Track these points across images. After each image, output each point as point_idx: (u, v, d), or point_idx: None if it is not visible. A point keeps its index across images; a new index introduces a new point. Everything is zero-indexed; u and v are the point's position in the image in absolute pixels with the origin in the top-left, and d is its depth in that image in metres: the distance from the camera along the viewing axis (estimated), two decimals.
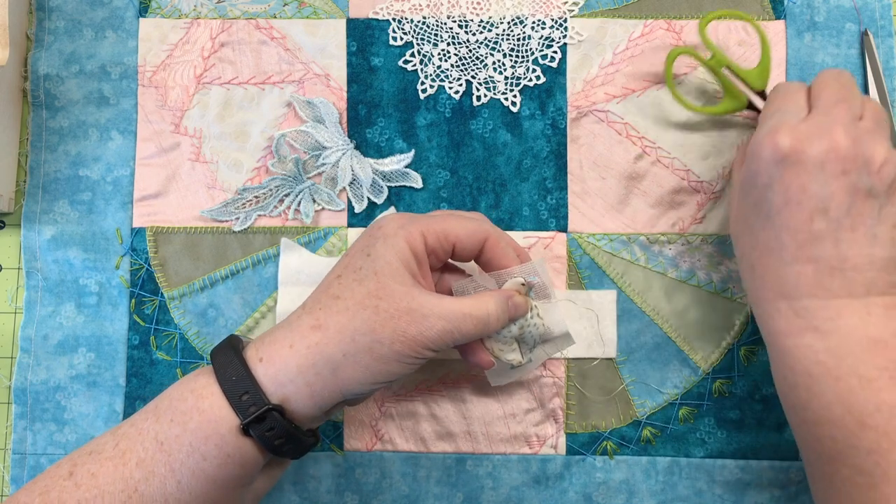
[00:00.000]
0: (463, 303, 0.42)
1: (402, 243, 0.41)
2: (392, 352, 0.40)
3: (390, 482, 0.52)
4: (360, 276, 0.41)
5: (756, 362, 0.53)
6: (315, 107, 0.54)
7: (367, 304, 0.40)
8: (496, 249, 0.44)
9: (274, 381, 0.40)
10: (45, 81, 0.54)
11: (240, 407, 0.39)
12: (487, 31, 0.55)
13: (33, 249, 0.53)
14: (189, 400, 0.40)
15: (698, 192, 0.54)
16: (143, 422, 0.40)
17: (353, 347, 0.40)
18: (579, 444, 0.52)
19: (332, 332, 0.40)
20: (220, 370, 0.40)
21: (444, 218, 0.43)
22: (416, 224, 0.42)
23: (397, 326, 0.40)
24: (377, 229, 0.42)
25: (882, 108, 0.43)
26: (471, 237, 0.43)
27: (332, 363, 0.40)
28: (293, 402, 0.40)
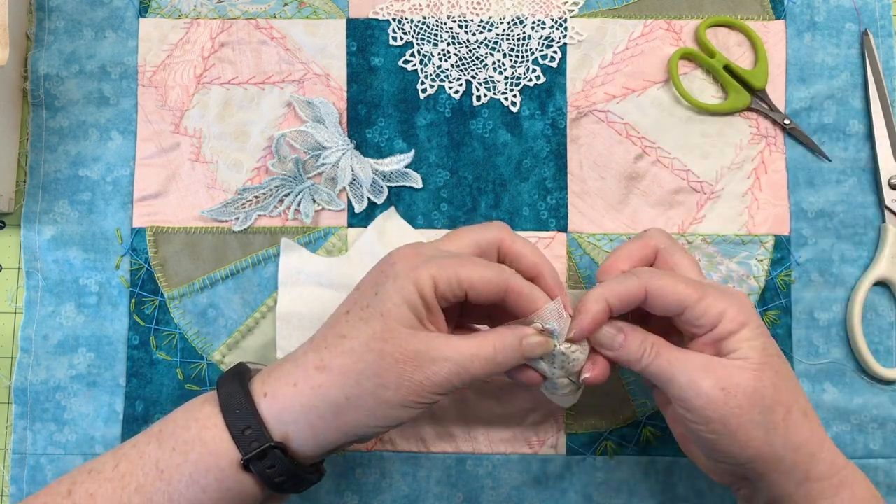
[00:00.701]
0: (471, 343, 0.40)
1: (410, 287, 0.39)
2: (398, 397, 0.39)
3: (390, 482, 0.52)
4: (367, 316, 0.39)
5: None
6: (315, 107, 0.54)
7: (372, 347, 0.39)
8: (519, 300, 0.41)
9: (277, 418, 0.39)
10: (45, 81, 0.54)
11: (242, 442, 0.39)
12: (487, 31, 0.55)
13: (33, 249, 0.53)
14: (192, 429, 0.39)
15: (698, 192, 0.54)
16: (146, 445, 0.40)
17: (357, 391, 0.39)
18: (579, 444, 0.52)
19: (336, 374, 0.39)
20: (224, 402, 0.40)
21: (462, 262, 0.40)
22: (428, 267, 0.39)
23: (403, 371, 0.38)
24: (389, 266, 0.40)
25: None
26: (487, 286, 0.40)
27: (335, 406, 0.39)
28: (295, 441, 0.39)
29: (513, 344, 0.41)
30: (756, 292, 0.53)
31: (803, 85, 0.54)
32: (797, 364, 0.53)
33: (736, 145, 0.54)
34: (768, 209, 0.54)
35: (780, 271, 0.53)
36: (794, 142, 0.54)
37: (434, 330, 0.40)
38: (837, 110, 0.54)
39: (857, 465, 0.52)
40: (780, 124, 0.54)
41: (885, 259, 0.52)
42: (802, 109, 0.54)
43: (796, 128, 0.54)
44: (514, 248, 0.43)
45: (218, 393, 0.41)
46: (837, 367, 0.53)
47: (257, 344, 0.53)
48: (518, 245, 0.43)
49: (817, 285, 0.53)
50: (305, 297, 0.52)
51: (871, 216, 0.54)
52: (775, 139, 0.54)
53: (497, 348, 0.40)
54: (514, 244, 0.43)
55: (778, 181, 0.54)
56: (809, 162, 0.54)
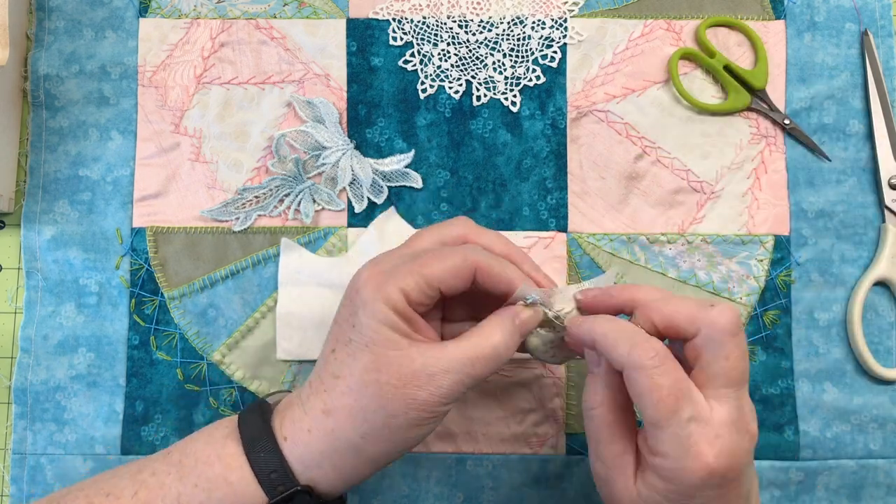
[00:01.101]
0: (467, 346, 0.39)
1: (382, 309, 0.38)
2: (408, 420, 0.38)
3: (390, 482, 0.52)
4: (352, 350, 0.38)
5: (756, 362, 0.53)
6: (315, 107, 0.54)
7: (367, 381, 0.38)
8: (490, 277, 0.40)
9: (301, 462, 0.39)
10: (45, 81, 0.54)
11: (268, 485, 0.38)
12: (487, 31, 0.55)
13: (33, 249, 0.53)
14: (216, 467, 0.39)
15: (698, 192, 0.54)
16: (166, 475, 0.39)
17: (368, 427, 0.38)
18: (579, 444, 0.52)
19: (343, 416, 0.38)
20: (248, 443, 0.39)
21: (425, 261, 0.39)
22: (393, 281, 0.38)
23: (406, 395, 0.37)
24: (355, 293, 0.39)
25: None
26: (456, 275, 0.39)
27: (352, 447, 0.38)
28: (321, 483, 0.39)
29: (508, 329, 0.39)
30: (756, 292, 0.53)
31: (803, 85, 0.54)
32: (797, 364, 0.53)
33: (736, 145, 0.54)
34: (768, 209, 0.54)
35: (780, 271, 0.53)
36: (794, 142, 0.54)
37: (422, 339, 0.39)
38: (837, 110, 0.54)
39: (856, 465, 0.52)
40: (780, 124, 0.54)
41: (885, 259, 0.52)
42: (802, 109, 0.54)
43: (796, 128, 0.54)
44: (480, 241, 0.42)
45: (240, 431, 0.40)
46: (837, 367, 0.53)
47: (257, 344, 0.53)
48: (484, 238, 0.42)
49: (817, 285, 0.53)
50: (305, 298, 0.52)
51: (871, 216, 0.54)
52: (775, 139, 0.54)
53: (495, 343, 0.39)
54: (479, 237, 0.42)
55: (778, 181, 0.54)
56: (809, 162, 0.54)
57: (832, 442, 0.52)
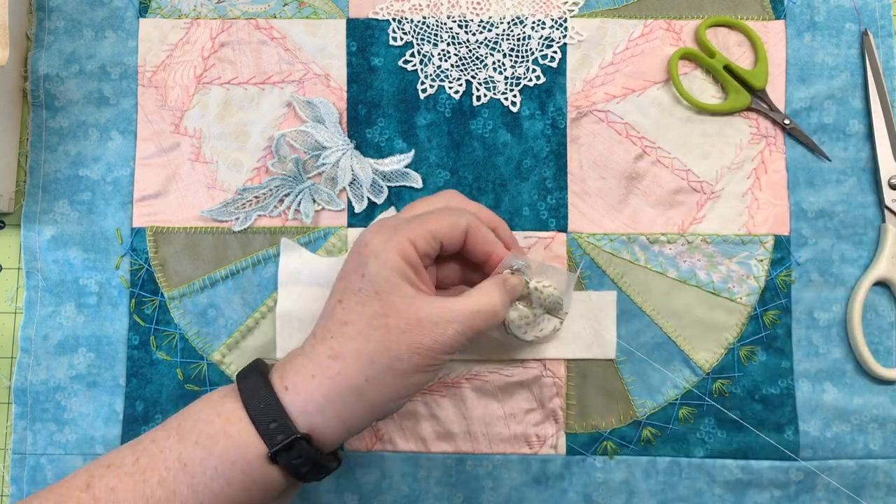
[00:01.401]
0: (470, 301, 0.42)
1: (394, 257, 0.41)
2: (412, 365, 0.40)
3: (390, 482, 0.52)
4: (362, 298, 0.41)
5: (756, 362, 0.53)
6: (315, 107, 0.54)
7: (376, 325, 0.40)
8: (477, 237, 0.44)
9: (302, 411, 0.40)
10: (45, 81, 0.54)
11: (268, 435, 0.39)
12: (487, 31, 0.55)
13: (33, 249, 0.53)
14: (216, 423, 0.40)
15: (698, 192, 0.54)
16: (165, 440, 0.40)
17: (374, 370, 0.40)
18: (579, 444, 0.52)
19: (350, 359, 0.40)
20: (247, 396, 0.40)
21: (426, 218, 0.43)
22: (401, 233, 0.41)
23: (412, 340, 0.40)
24: (364, 247, 0.42)
25: None
26: (454, 231, 0.43)
27: (357, 390, 0.40)
28: (322, 431, 0.40)
29: (502, 290, 0.43)
30: (756, 292, 0.53)
31: (803, 85, 0.54)
32: (797, 364, 0.53)
33: (736, 145, 0.54)
34: (768, 209, 0.54)
35: (780, 271, 0.53)
36: (794, 142, 0.54)
37: (427, 291, 0.42)
38: (837, 110, 0.54)
39: (856, 465, 0.52)
40: (780, 124, 0.54)
41: (885, 259, 0.52)
42: (802, 109, 0.54)
43: (796, 128, 0.54)
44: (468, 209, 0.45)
45: (239, 388, 0.41)
46: (837, 367, 0.53)
47: (257, 344, 0.53)
48: (471, 206, 0.46)
49: (817, 285, 0.53)
50: (306, 297, 0.52)
51: (871, 216, 0.54)
52: (775, 139, 0.54)
53: (493, 300, 0.42)
54: (467, 206, 0.45)
55: (778, 181, 0.54)
56: (809, 162, 0.54)
57: (832, 442, 0.52)
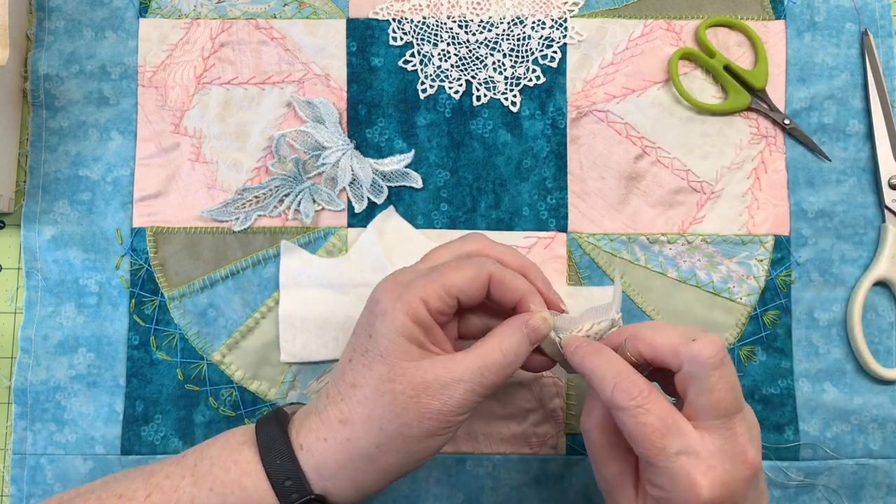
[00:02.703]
0: (477, 355, 0.39)
1: (401, 318, 0.39)
2: (422, 430, 0.38)
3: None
4: (368, 361, 0.39)
5: (756, 362, 0.53)
6: (315, 107, 0.54)
7: (383, 391, 0.38)
8: (503, 287, 0.41)
9: (316, 472, 0.39)
10: (45, 81, 0.54)
11: (283, 493, 0.39)
12: (487, 31, 0.55)
13: (33, 249, 0.53)
14: (232, 472, 0.39)
15: (698, 192, 0.54)
16: (180, 479, 0.39)
17: (384, 437, 0.38)
18: (579, 444, 0.52)
19: (359, 425, 0.39)
20: (265, 450, 0.39)
21: (441, 272, 0.40)
22: (412, 292, 0.39)
23: (420, 405, 0.38)
24: (375, 304, 0.40)
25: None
26: (472, 285, 0.40)
27: (368, 456, 0.39)
28: (335, 493, 0.39)
29: (517, 337, 0.40)
30: (756, 292, 0.53)
31: (803, 85, 0.54)
32: (797, 364, 0.53)
33: (736, 145, 0.54)
34: (768, 209, 0.54)
35: (780, 271, 0.53)
36: (794, 142, 0.54)
37: (439, 351, 0.40)
38: (837, 110, 0.54)
39: (856, 464, 0.52)
40: (780, 124, 0.54)
41: (885, 259, 0.52)
42: (802, 109, 0.54)
43: (796, 128, 0.54)
44: (494, 254, 0.43)
45: (257, 438, 0.40)
46: (837, 367, 0.53)
47: (257, 344, 0.53)
48: (498, 251, 0.43)
49: (817, 285, 0.53)
50: (307, 299, 0.52)
51: (871, 216, 0.54)
52: (775, 139, 0.54)
53: (504, 350, 0.40)
54: (493, 251, 0.43)
55: (778, 181, 0.54)
56: (809, 162, 0.54)
57: (832, 442, 0.52)
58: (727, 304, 0.53)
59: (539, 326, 0.41)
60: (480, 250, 0.43)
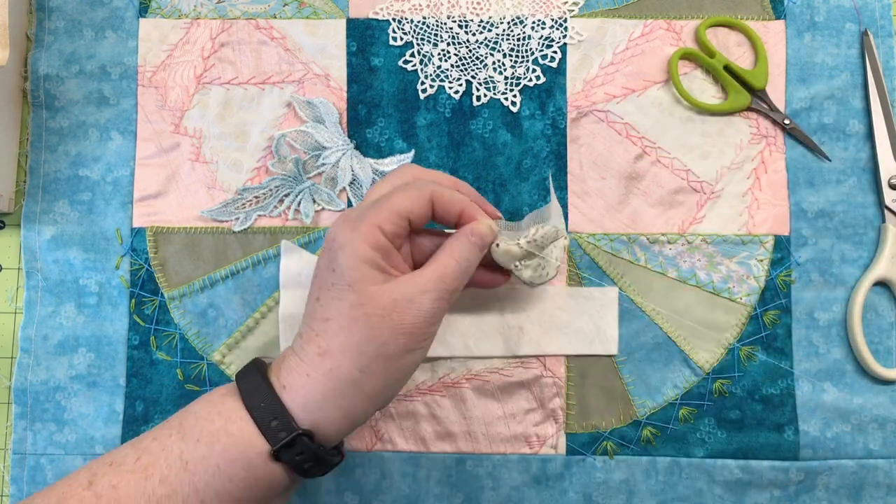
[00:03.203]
0: (435, 266, 0.42)
1: (361, 247, 0.41)
2: (399, 346, 0.40)
3: (390, 482, 0.52)
4: (337, 293, 0.41)
5: (756, 362, 0.53)
6: (315, 107, 0.54)
7: (356, 316, 0.40)
8: (444, 203, 0.44)
9: (303, 408, 0.40)
10: (45, 81, 0.54)
11: (269, 432, 0.39)
12: (487, 31, 0.55)
13: (33, 249, 0.53)
14: (216, 422, 0.40)
15: (698, 192, 0.54)
16: (167, 438, 0.40)
17: (364, 360, 0.40)
18: (579, 444, 0.52)
19: (339, 353, 0.40)
20: (247, 395, 0.40)
21: (388, 199, 0.42)
22: (366, 221, 0.41)
23: (393, 322, 0.40)
24: (332, 241, 0.42)
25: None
26: (418, 204, 0.43)
27: (353, 382, 0.40)
28: (325, 426, 0.40)
29: (467, 244, 0.43)
30: (756, 292, 0.53)
31: (803, 85, 0.54)
32: (797, 364, 0.53)
33: (736, 145, 0.54)
34: (768, 209, 0.54)
35: (780, 271, 0.53)
36: (794, 142, 0.54)
37: (398, 273, 0.42)
38: (837, 110, 0.54)
39: (856, 465, 0.52)
40: (780, 124, 0.54)
41: (885, 259, 0.52)
42: (802, 109, 0.54)
43: (796, 128, 0.54)
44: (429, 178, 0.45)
45: (238, 387, 0.41)
46: (837, 367, 0.53)
47: (257, 344, 0.53)
48: (432, 175, 0.45)
49: (817, 285, 0.53)
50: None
51: (871, 216, 0.54)
52: (775, 139, 0.54)
53: (457, 258, 0.42)
54: (428, 175, 0.45)
55: (778, 181, 0.54)
56: (809, 162, 0.54)
57: (832, 442, 0.52)
58: (727, 304, 0.53)
59: (484, 233, 0.44)
60: (416, 176, 0.45)
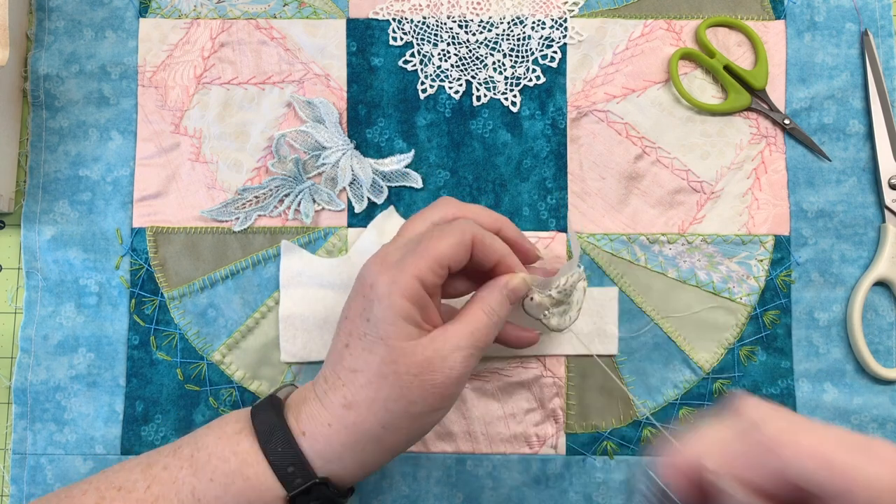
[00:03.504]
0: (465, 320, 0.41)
1: (399, 302, 0.39)
2: (427, 405, 0.39)
3: (390, 482, 0.52)
4: (368, 344, 0.40)
5: (756, 362, 0.53)
6: (315, 107, 0.54)
7: (386, 373, 0.39)
8: (483, 249, 0.42)
9: (321, 456, 0.39)
10: (45, 81, 0.54)
11: (286, 478, 0.39)
12: (487, 31, 0.55)
13: (33, 249, 0.53)
14: (232, 462, 0.39)
15: (698, 192, 0.54)
16: (178, 470, 0.40)
17: (389, 417, 0.39)
18: (579, 444, 0.52)
19: (364, 408, 0.39)
20: (264, 438, 0.40)
21: (429, 245, 0.40)
22: (407, 271, 0.39)
23: (424, 382, 0.39)
24: (369, 289, 0.40)
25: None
26: (459, 251, 0.41)
27: (374, 437, 0.39)
28: (341, 475, 0.40)
29: (498, 298, 0.42)
30: (756, 292, 0.53)
31: (803, 85, 0.54)
32: (797, 364, 0.53)
33: (736, 145, 0.54)
34: (768, 209, 0.54)
35: (780, 271, 0.53)
36: (794, 142, 0.54)
37: (431, 328, 0.41)
38: (837, 110, 0.54)
39: None
40: (780, 124, 0.54)
41: (885, 259, 0.52)
42: (802, 109, 0.54)
43: (796, 128, 0.54)
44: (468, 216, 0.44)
45: (255, 426, 0.40)
46: (837, 367, 0.53)
47: (257, 344, 0.53)
48: (471, 212, 0.44)
49: (817, 285, 0.53)
50: (308, 299, 0.52)
51: (871, 216, 0.54)
52: (775, 139, 0.54)
53: (488, 312, 0.41)
54: (467, 213, 0.44)
55: (778, 181, 0.54)
56: (809, 162, 0.54)
57: None
58: (727, 304, 0.53)
59: (518, 287, 0.43)
60: (456, 213, 0.43)
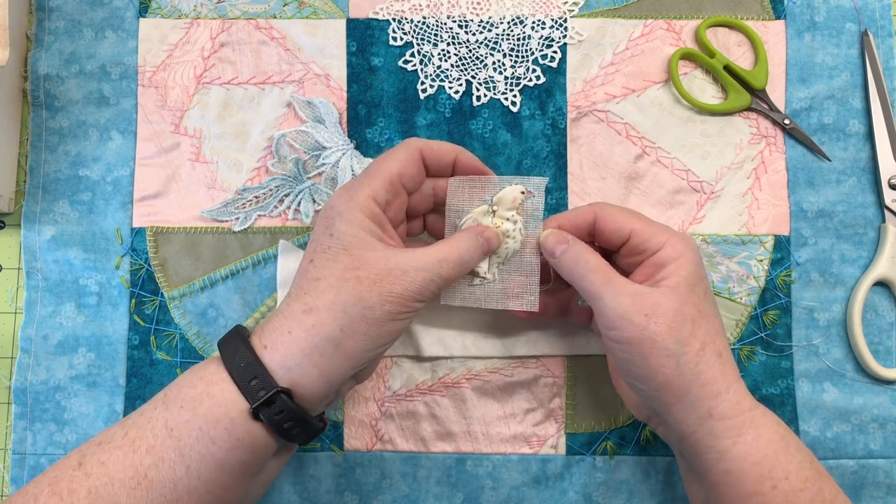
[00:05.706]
0: (437, 249, 0.43)
1: (357, 214, 0.42)
2: (384, 313, 0.41)
3: (390, 482, 0.52)
4: (332, 255, 0.42)
5: (756, 362, 0.53)
6: (315, 107, 0.54)
7: (347, 277, 0.41)
8: (434, 154, 0.45)
9: (281, 366, 0.41)
10: (45, 81, 0.54)
11: (249, 391, 0.40)
12: (487, 31, 0.55)
13: (33, 249, 0.53)
14: (198, 386, 0.41)
15: (698, 192, 0.54)
16: (153, 410, 0.41)
17: (347, 320, 0.41)
18: (579, 444, 0.52)
19: (323, 311, 0.41)
20: (228, 357, 0.41)
21: (380, 166, 0.44)
22: (361, 191, 0.43)
23: (382, 289, 0.41)
24: (330, 209, 0.43)
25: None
26: (408, 163, 0.44)
27: (332, 340, 0.41)
28: (303, 385, 0.41)
29: (474, 242, 0.45)
30: (756, 292, 0.53)
31: (803, 85, 0.54)
32: (797, 364, 0.53)
33: (736, 145, 0.54)
34: (768, 209, 0.54)
35: (780, 271, 0.53)
36: (794, 142, 0.54)
37: (394, 244, 0.44)
38: (837, 110, 0.54)
39: (856, 465, 0.52)
40: (780, 124, 0.54)
41: (885, 259, 0.52)
42: (802, 109, 0.54)
43: (796, 128, 0.54)
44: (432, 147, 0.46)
45: (220, 351, 0.42)
46: (837, 367, 0.53)
47: None
48: (434, 144, 0.46)
49: (817, 285, 0.53)
50: None
51: (871, 216, 0.54)
52: (775, 139, 0.54)
53: (461, 250, 0.44)
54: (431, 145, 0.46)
55: (778, 181, 0.54)
56: (809, 162, 0.54)
57: (832, 442, 0.52)
58: (727, 303, 0.53)
59: (492, 239, 0.46)
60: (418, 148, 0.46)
